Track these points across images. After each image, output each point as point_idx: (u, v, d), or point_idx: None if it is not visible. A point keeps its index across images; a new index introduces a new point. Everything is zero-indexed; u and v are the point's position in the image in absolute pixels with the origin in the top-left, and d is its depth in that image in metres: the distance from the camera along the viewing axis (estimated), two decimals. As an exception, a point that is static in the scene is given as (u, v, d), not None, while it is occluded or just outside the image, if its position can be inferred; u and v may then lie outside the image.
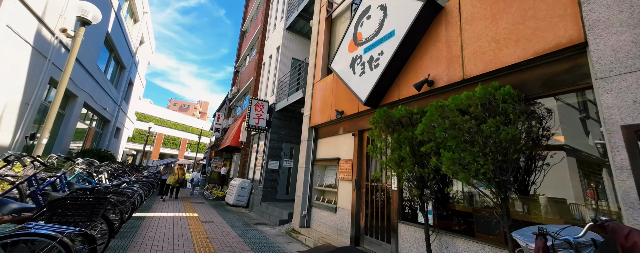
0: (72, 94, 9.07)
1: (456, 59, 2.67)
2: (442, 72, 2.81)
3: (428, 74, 2.90)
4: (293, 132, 9.08)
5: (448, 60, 2.76)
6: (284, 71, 9.25)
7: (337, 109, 4.52)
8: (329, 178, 5.20)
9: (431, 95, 3.02)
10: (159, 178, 11.86)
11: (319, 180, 5.42)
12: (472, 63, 2.56)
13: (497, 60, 2.39)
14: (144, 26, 16.36)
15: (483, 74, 2.48)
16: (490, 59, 2.44)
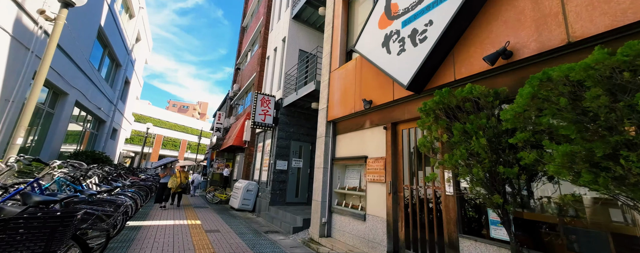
0: (62, 91, 8.34)
1: (552, 17, 1.97)
2: (527, 38, 2.10)
3: (506, 41, 2.20)
4: (302, 129, 8.37)
5: (536, 21, 2.07)
6: (291, 64, 8.54)
7: (364, 98, 3.81)
8: (351, 180, 4.50)
9: (506, 71, 2.31)
10: (157, 181, 11.14)
11: (339, 181, 4.71)
12: (584, 19, 1.84)
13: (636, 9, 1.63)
14: (141, 22, 15.62)
15: (607, 32, 1.75)
16: (622, 9, 1.71)
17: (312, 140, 8.50)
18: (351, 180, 4.50)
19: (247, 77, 12.94)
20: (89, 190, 3.62)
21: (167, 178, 7.86)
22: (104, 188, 4.37)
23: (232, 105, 16.08)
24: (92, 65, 10.31)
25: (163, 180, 7.88)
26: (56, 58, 7.63)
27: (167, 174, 7.91)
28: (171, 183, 7.73)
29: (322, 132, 4.97)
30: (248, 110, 11.71)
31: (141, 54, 17.81)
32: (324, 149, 4.77)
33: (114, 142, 16.12)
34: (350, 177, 4.56)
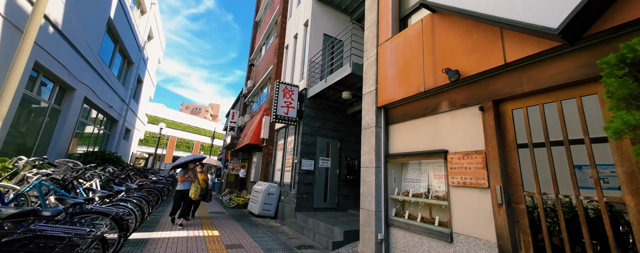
0: (69, 86, 7.65)
1: None
2: None
3: None
4: (329, 124, 7.30)
5: None
6: (315, 50, 7.50)
7: (448, 68, 2.68)
8: (415, 183, 3.37)
9: None
10: (170, 183, 10.35)
11: (396, 185, 3.60)
12: None
13: None
14: (153, 19, 15.10)
15: None
16: None
17: (340, 136, 7.41)
18: (415, 184, 3.37)
19: (263, 72, 12.04)
20: (75, 198, 2.68)
21: (187, 184, 5.56)
22: (99, 194, 3.45)
23: (246, 103, 15.26)
24: (103, 61, 9.68)
25: (181, 187, 5.52)
26: (61, 49, 6.93)
27: (187, 178, 5.63)
28: (193, 191, 5.43)
29: (369, 122, 3.87)
30: (264, 106, 10.79)
31: (154, 53, 17.36)
32: (375, 143, 3.67)
33: (127, 143, 15.64)
34: (412, 179, 3.43)
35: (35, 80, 6.51)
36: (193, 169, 5.77)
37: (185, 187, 5.58)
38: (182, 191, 5.55)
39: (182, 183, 5.60)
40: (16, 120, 6.18)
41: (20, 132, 6.56)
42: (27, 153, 6.81)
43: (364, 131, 3.97)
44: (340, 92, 6.39)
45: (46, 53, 6.26)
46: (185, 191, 5.56)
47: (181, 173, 5.70)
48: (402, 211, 3.47)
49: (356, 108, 7.34)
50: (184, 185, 5.60)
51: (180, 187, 5.58)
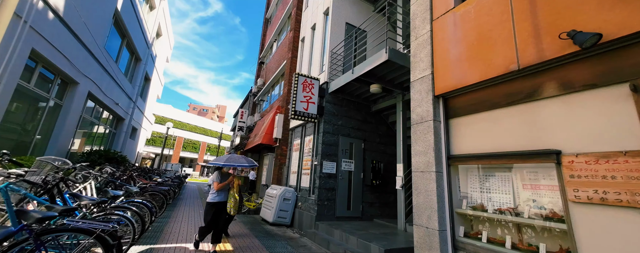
0: (72, 79, 7.04)
1: None
2: None
3: None
4: (351, 122, 6.50)
5: None
6: (336, 40, 6.74)
7: (573, 32, 1.85)
8: (489, 194, 2.53)
9: None
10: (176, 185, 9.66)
11: (461, 196, 2.76)
12: None
13: None
14: (161, 15, 14.64)
15: None
16: None
17: (364, 136, 6.59)
18: (491, 195, 2.53)
19: (274, 69, 11.34)
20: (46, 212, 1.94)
21: (224, 195, 3.91)
22: (86, 201, 2.71)
23: (255, 102, 14.60)
24: (109, 55, 9.11)
25: (217, 198, 3.83)
26: (62, 38, 6.32)
27: (226, 185, 3.92)
28: (233, 205, 3.91)
29: (423, 115, 3.05)
30: (276, 104, 10.06)
31: (162, 51, 16.91)
32: (433, 142, 2.85)
33: (134, 142, 15.11)
34: (486, 188, 2.59)
35: (33, 71, 5.90)
36: (230, 173, 4.15)
37: (221, 198, 3.84)
38: (217, 204, 3.78)
39: (218, 193, 3.84)
40: (10, 114, 5.57)
41: (16, 127, 5.94)
42: (23, 150, 6.18)
43: (415, 127, 3.15)
44: (368, 85, 5.59)
45: (45, 41, 5.65)
46: (221, 204, 3.82)
47: (218, 178, 3.90)
48: (473, 230, 2.63)
49: (382, 104, 6.53)
50: (220, 195, 3.85)
51: (215, 199, 3.79)
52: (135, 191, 4.39)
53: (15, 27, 4.84)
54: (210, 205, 3.80)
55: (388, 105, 6.35)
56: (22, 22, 4.92)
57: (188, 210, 7.54)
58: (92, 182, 3.93)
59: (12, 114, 5.65)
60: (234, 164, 3.95)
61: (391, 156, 6.90)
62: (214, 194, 3.86)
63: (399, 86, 5.60)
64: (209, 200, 3.83)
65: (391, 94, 5.95)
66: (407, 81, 5.41)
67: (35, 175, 2.78)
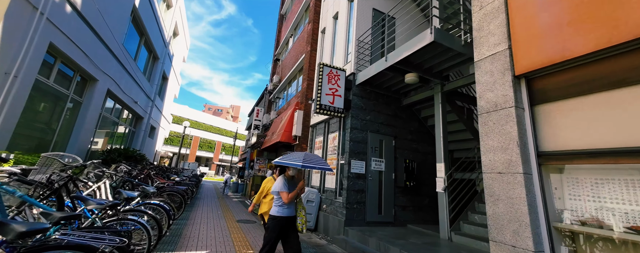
0: (91, 76, 6.88)
1: None
2: None
3: None
4: (380, 116, 5.87)
5: None
6: (363, 28, 6.13)
7: None
8: (615, 205, 1.85)
9: None
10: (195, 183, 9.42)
11: (557, 207, 2.09)
12: None
13: None
14: (178, 14, 14.60)
15: None
16: None
17: (394, 133, 5.94)
18: (615, 206, 1.84)
19: (291, 65, 10.88)
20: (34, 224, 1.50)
21: (293, 208, 2.87)
22: (94, 205, 2.29)
23: (271, 100, 14.23)
24: (127, 52, 8.98)
25: (282, 211, 2.76)
26: (81, 34, 6.13)
27: (298, 193, 2.88)
28: (304, 220, 3.02)
29: (498, 101, 2.40)
30: (294, 101, 9.58)
31: (179, 51, 16.95)
32: (517, 134, 2.19)
33: (153, 141, 15.20)
34: (602, 196, 1.91)
35: (52, 67, 5.73)
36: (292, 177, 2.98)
37: (291, 211, 2.79)
38: (286, 220, 2.74)
39: (287, 205, 2.76)
40: (30, 111, 5.41)
41: (36, 124, 5.80)
42: (44, 148, 6.05)
43: (485, 117, 2.50)
44: (402, 74, 4.94)
45: (63, 35, 5.44)
46: (291, 220, 2.79)
47: (285, 185, 2.76)
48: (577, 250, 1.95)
49: (414, 97, 5.85)
50: (290, 208, 2.79)
51: (283, 212, 2.74)
52: (152, 192, 4.01)
53: (32, 19, 4.62)
54: (276, 220, 2.69)
55: (422, 98, 5.67)
56: (38, 13, 4.69)
57: (206, 210, 7.21)
58: (107, 181, 3.58)
59: (32, 111, 5.49)
60: (317, 166, 2.75)
61: (424, 155, 6.20)
62: (282, 206, 2.74)
63: (438, 75, 4.92)
64: (273, 214, 2.74)
65: (427, 85, 5.27)
66: (449, 68, 4.72)
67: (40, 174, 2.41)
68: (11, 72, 4.42)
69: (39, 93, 5.49)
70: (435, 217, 5.66)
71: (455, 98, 5.35)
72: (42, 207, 2.09)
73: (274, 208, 2.79)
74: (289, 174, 2.90)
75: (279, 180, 2.82)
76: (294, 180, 2.94)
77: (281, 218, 2.72)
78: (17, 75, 4.51)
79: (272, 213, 2.77)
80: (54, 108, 6.20)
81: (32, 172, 2.48)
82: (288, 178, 2.87)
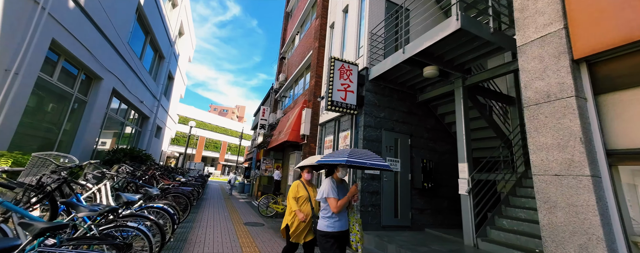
0: (96, 74, 6.69)
1: None
2: None
3: None
4: (395, 114, 5.50)
5: None
6: (376, 21, 5.77)
7: None
8: None
9: None
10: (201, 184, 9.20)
11: (632, 216, 1.72)
12: None
13: None
14: (184, 13, 14.46)
15: None
16: None
17: (410, 131, 5.57)
18: None
19: (298, 62, 10.58)
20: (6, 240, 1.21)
21: (345, 220, 2.17)
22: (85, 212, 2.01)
23: (277, 99, 13.97)
24: (133, 51, 8.82)
25: (333, 225, 2.08)
26: (85, 30, 5.93)
27: (349, 200, 2.17)
28: (360, 235, 2.20)
29: (551, 90, 2.03)
30: (301, 99, 9.27)
31: (185, 51, 16.84)
32: (580, 129, 1.83)
33: (159, 141, 15.10)
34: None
35: (56, 65, 5.54)
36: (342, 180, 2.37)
37: (343, 224, 2.14)
38: (339, 235, 2.11)
39: (338, 216, 2.13)
40: (33, 110, 5.23)
41: (40, 123, 5.63)
42: (48, 148, 5.87)
43: (534, 109, 2.13)
44: (420, 67, 4.57)
45: (66, 31, 5.24)
46: (343, 235, 2.15)
47: (333, 189, 2.15)
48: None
49: (431, 93, 5.47)
50: (342, 220, 2.15)
51: (333, 226, 2.09)
52: (156, 194, 3.75)
53: (33, 14, 4.42)
54: (330, 238, 2.04)
55: (439, 94, 5.29)
56: (40, 8, 4.48)
57: (213, 212, 6.97)
58: (108, 183, 3.33)
59: (35, 110, 5.31)
60: (369, 162, 2.04)
61: (441, 154, 5.81)
62: (331, 218, 2.08)
63: (459, 68, 4.54)
64: (323, 229, 2.07)
65: (446, 79, 4.89)
66: (472, 61, 4.33)
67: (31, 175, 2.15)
68: (12, 69, 4.22)
69: (43, 91, 5.31)
70: (454, 221, 5.28)
71: (477, 93, 4.96)
72: (26, 215, 1.82)
73: (323, 221, 2.09)
74: (338, 176, 2.23)
75: (326, 183, 2.18)
76: (344, 184, 2.34)
77: (334, 235, 2.03)
78: (18, 72, 4.30)
79: (321, 228, 2.07)
80: (58, 107, 6.02)
81: (22, 174, 2.23)
82: (337, 180, 2.24)
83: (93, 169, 3.26)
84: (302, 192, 2.50)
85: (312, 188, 2.59)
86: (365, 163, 2.03)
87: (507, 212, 4.15)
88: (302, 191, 2.51)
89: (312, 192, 2.54)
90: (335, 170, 2.25)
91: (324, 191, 2.13)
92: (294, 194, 2.50)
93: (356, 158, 2.02)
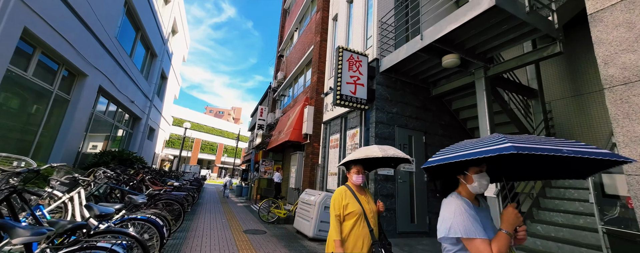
0: (79, 70, 6.04)
1: None
2: None
3: None
4: (408, 109, 5.02)
5: None
6: (385, 9, 5.30)
7: None
8: None
9: None
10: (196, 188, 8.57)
11: None
12: None
13: None
14: (177, 10, 13.82)
15: None
16: None
17: (425, 127, 5.10)
18: None
19: (297, 59, 10.07)
20: None
21: None
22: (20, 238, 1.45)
23: (275, 98, 13.42)
24: (121, 47, 8.17)
25: None
26: (65, 21, 5.28)
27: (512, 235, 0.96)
28: None
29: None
30: (301, 97, 8.76)
31: (179, 50, 16.15)
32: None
33: (152, 143, 14.34)
34: None
35: (31, 59, 4.90)
36: None
37: None
38: None
39: None
40: (4, 108, 4.59)
41: (13, 123, 4.97)
42: (24, 152, 5.21)
43: (619, 91, 1.65)
44: (438, 57, 4.10)
45: (41, 20, 4.61)
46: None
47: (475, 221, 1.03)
48: None
49: (446, 86, 5.02)
50: None
51: None
52: (141, 202, 3.17)
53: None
54: None
55: (454, 88, 4.84)
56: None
57: (210, 218, 6.36)
58: (82, 190, 2.75)
59: (6, 108, 4.66)
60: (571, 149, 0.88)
61: (457, 152, 5.34)
62: None
63: (481, 57, 4.08)
64: None
65: (465, 70, 4.43)
66: (495, 49, 3.88)
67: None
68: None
69: (16, 87, 4.67)
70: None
71: (497, 85, 4.52)
72: None
73: None
74: (470, 189, 1.14)
75: (453, 207, 1.09)
76: (482, 206, 1.21)
77: None
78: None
79: None
80: (36, 105, 5.36)
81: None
82: (464, 196, 1.15)
83: (64, 174, 2.67)
84: (353, 205, 1.60)
85: (367, 197, 1.72)
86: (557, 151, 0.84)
87: (540, 216, 3.69)
88: (351, 203, 1.61)
89: (366, 202, 1.67)
90: (466, 173, 1.11)
91: (454, 225, 1.03)
92: (338, 208, 1.62)
93: (529, 144, 0.87)
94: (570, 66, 5.22)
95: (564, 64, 5.28)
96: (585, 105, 4.94)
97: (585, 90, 4.95)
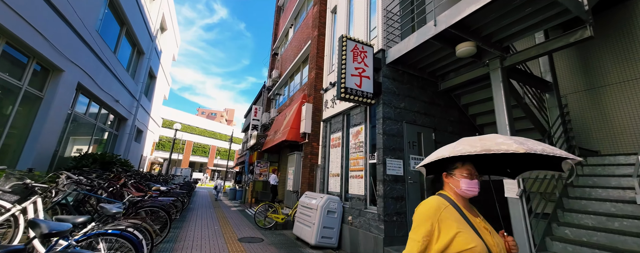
0: (54, 65, 5.41)
1: None
2: None
3: None
4: (416, 104, 4.65)
5: None
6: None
7: None
8: None
9: None
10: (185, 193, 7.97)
11: None
12: None
13: None
14: (166, 6, 13.16)
15: None
16: None
17: (434, 124, 4.74)
18: None
19: (293, 56, 9.63)
20: None
21: None
22: None
23: (270, 97, 12.92)
24: (103, 42, 7.53)
25: None
26: (36, 10, 4.72)
27: None
28: None
29: None
30: (298, 95, 8.32)
31: (168, 48, 15.44)
32: None
33: (140, 145, 13.57)
34: None
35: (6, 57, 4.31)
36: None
37: None
38: None
39: None
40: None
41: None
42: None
43: None
44: (451, 46, 3.75)
45: (3, 4, 4.05)
46: None
47: None
48: None
49: (454, 80, 4.68)
50: None
51: None
52: (115, 212, 2.66)
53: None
54: None
55: (463, 81, 4.51)
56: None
57: (201, 225, 5.82)
58: (38, 201, 2.23)
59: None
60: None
61: (468, 150, 5.00)
62: None
63: (497, 45, 3.75)
64: None
65: (479, 61, 4.09)
66: (515, 36, 3.55)
67: None
68: None
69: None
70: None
71: (511, 77, 4.20)
72: None
73: None
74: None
75: None
76: None
77: None
78: None
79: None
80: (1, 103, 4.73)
81: None
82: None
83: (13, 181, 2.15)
84: (468, 237, 0.91)
85: (483, 222, 1.05)
86: None
87: (566, 218, 3.36)
88: (464, 232, 0.92)
89: (485, 230, 0.98)
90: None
91: None
92: (433, 237, 0.92)
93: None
94: (583, 58, 4.97)
95: (576, 56, 5.03)
96: (600, 99, 4.70)
97: (600, 83, 4.70)
